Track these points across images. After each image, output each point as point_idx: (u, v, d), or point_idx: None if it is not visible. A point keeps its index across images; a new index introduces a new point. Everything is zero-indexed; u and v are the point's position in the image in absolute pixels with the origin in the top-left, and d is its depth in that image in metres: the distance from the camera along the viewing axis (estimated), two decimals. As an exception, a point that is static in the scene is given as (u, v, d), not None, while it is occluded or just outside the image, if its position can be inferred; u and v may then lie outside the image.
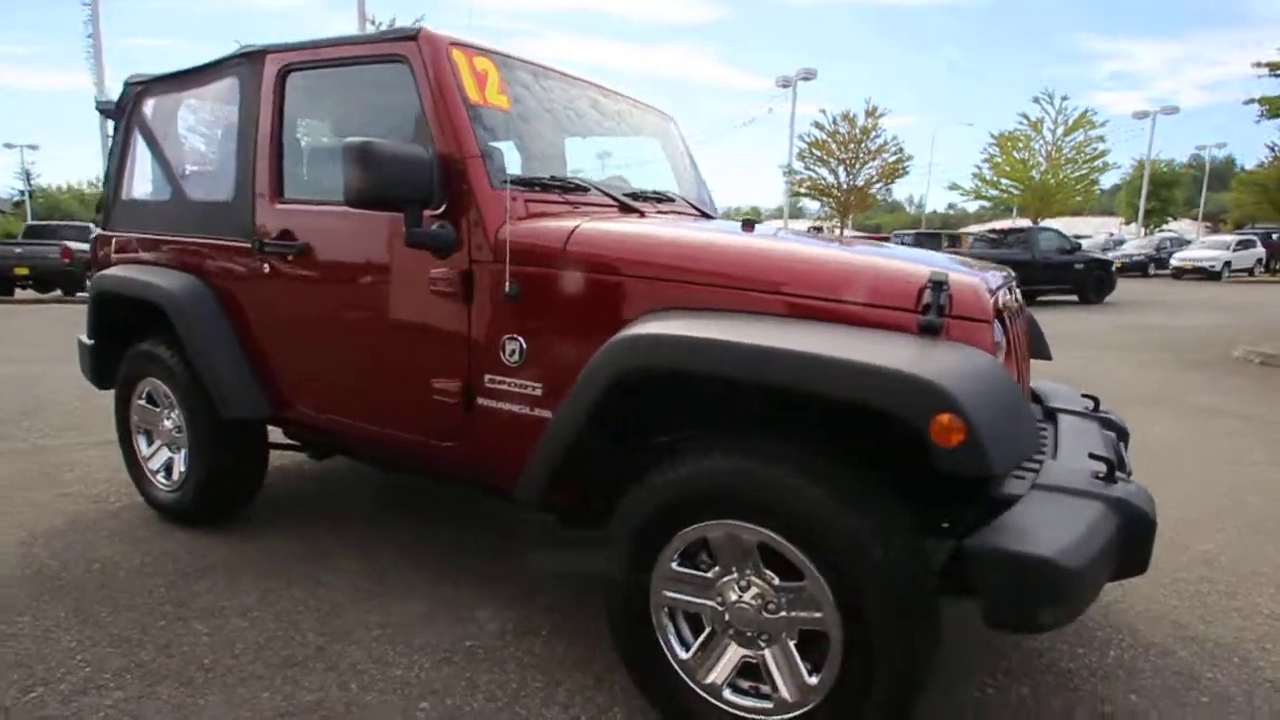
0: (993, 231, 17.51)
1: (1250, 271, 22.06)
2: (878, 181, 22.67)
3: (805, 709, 1.54)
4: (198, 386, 2.65)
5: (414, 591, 2.43)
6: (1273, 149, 25.54)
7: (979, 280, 1.64)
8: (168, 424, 2.89)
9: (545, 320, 1.94)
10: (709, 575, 1.65)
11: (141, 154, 3.02)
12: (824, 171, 22.48)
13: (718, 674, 1.65)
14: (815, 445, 1.55)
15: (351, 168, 1.92)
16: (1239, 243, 22.25)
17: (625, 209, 2.37)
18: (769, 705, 1.60)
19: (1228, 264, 21.21)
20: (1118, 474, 1.62)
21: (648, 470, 1.71)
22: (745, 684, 1.65)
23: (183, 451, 2.87)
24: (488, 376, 2.04)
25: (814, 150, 22.24)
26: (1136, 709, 1.90)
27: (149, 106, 2.97)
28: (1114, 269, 15.30)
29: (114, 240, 3.06)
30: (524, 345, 1.97)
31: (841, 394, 1.38)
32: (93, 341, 3.10)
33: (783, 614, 1.56)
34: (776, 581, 1.57)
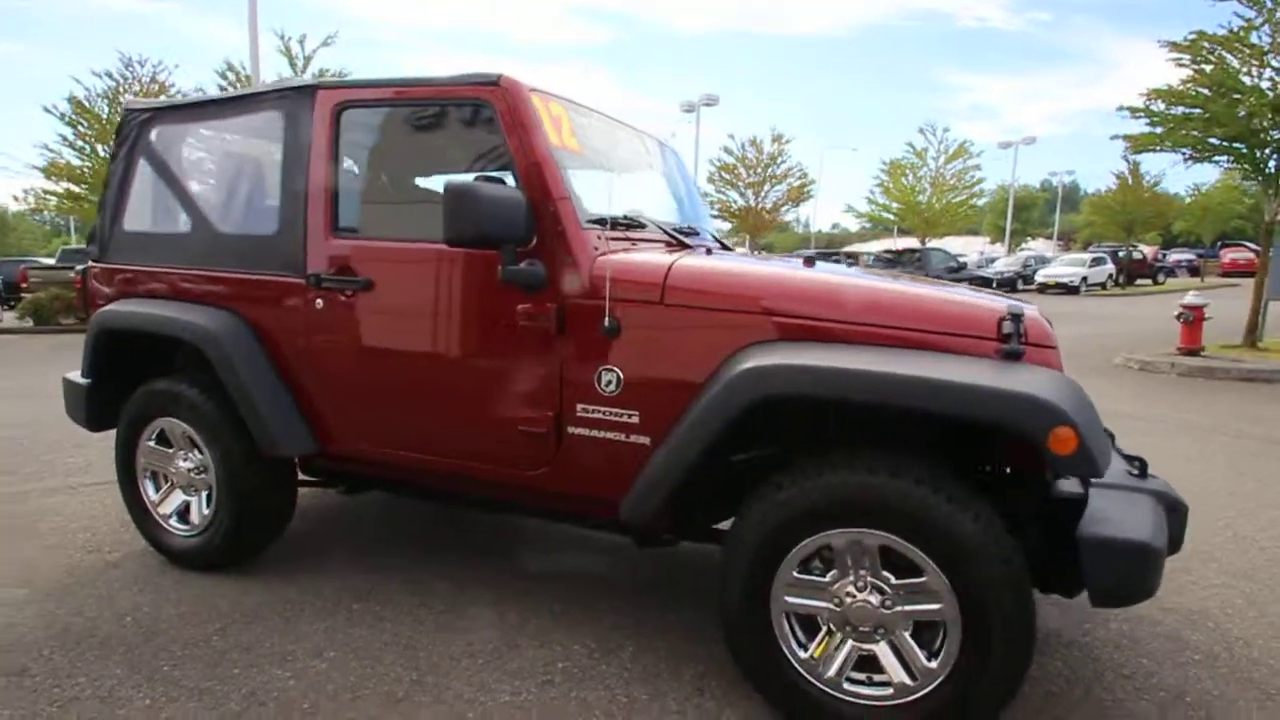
0: (888, 251, 18.86)
1: (1103, 285, 24.81)
2: (784, 204, 23.96)
3: (926, 690, 1.75)
4: (232, 425, 2.57)
5: (479, 621, 2.46)
6: (1117, 176, 28.98)
7: (1038, 312, 1.93)
8: (184, 465, 2.76)
9: (644, 352, 2.07)
10: (825, 579, 1.83)
11: (147, 183, 2.88)
12: (734, 194, 23.58)
13: (836, 668, 1.83)
14: (925, 459, 1.77)
15: (453, 208, 1.99)
16: (1093, 260, 25.02)
17: (672, 243, 2.54)
18: (889, 691, 1.79)
19: (1084, 279, 23.79)
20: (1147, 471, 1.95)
21: (745, 486, 1.89)
22: (860, 675, 1.84)
23: (204, 494, 2.75)
24: (580, 406, 2.14)
25: (723, 174, 23.30)
26: (1151, 671, 2.25)
27: (156, 135, 2.85)
28: (992, 285, 16.88)
29: (115, 273, 2.90)
30: (621, 375, 2.09)
31: (973, 414, 1.61)
32: (89, 381, 2.90)
33: (900, 608, 1.77)
34: (893, 580, 1.77)
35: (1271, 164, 8.57)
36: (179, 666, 2.15)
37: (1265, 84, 8.27)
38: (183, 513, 2.82)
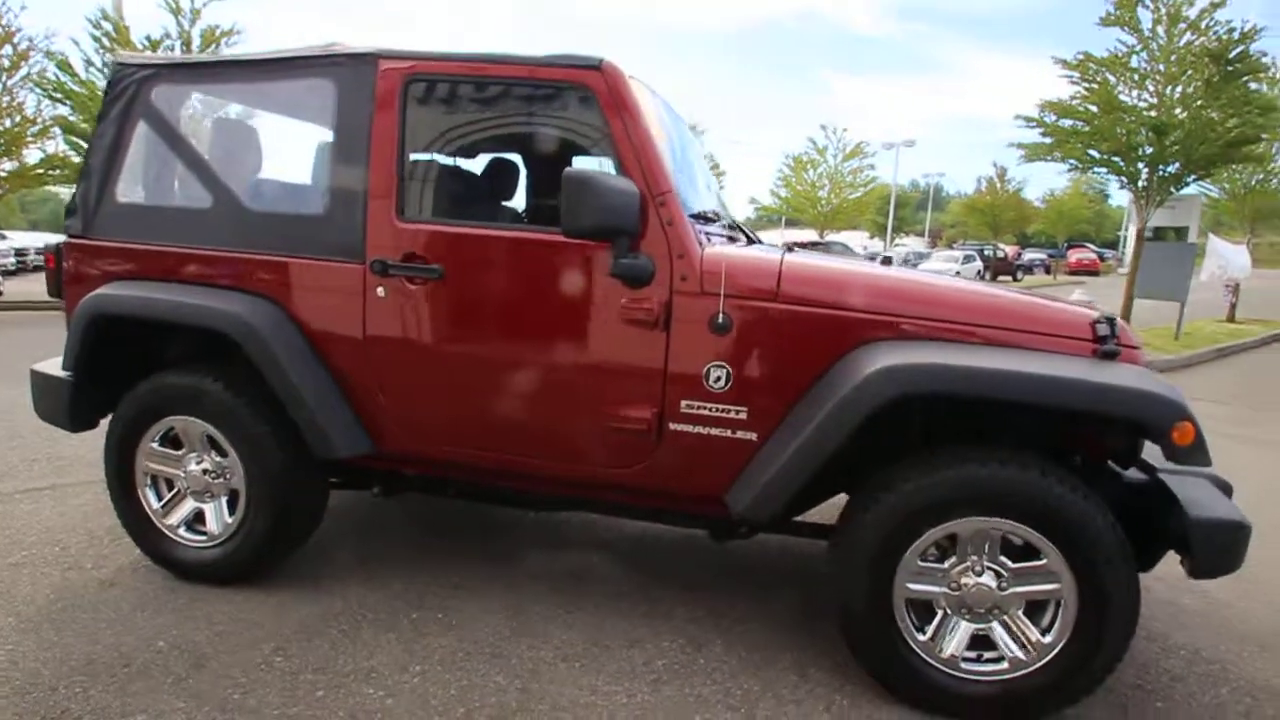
0: (796, 244, 19.62)
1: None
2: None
3: (1041, 662, 1.89)
4: (269, 424, 2.34)
5: (554, 623, 2.39)
6: (986, 180, 31.70)
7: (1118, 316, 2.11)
8: (195, 469, 2.48)
9: (756, 348, 2.08)
10: (944, 565, 1.94)
11: (149, 150, 2.53)
12: None
13: (954, 648, 1.95)
14: (1039, 453, 1.91)
15: (574, 198, 1.92)
16: (965, 257, 27.30)
17: (730, 236, 2.56)
18: (1004, 665, 1.93)
19: (958, 274, 25.95)
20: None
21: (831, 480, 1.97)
22: (972, 653, 1.96)
23: (222, 500, 2.48)
24: (685, 402, 2.12)
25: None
26: (1166, 633, 2.54)
27: (160, 96, 2.50)
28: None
29: (106, 251, 2.53)
30: (731, 371, 2.09)
31: (1107, 410, 1.75)
32: (71, 375, 2.52)
33: (1016, 589, 1.90)
34: (1010, 564, 1.90)
35: (1143, 178, 9.70)
36: (251, 693, 1.95)
37: (1143, 104, 9.34)
38: (191, 521, 2.53)
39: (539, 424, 2.25)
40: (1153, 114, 9.20)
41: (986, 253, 29.02)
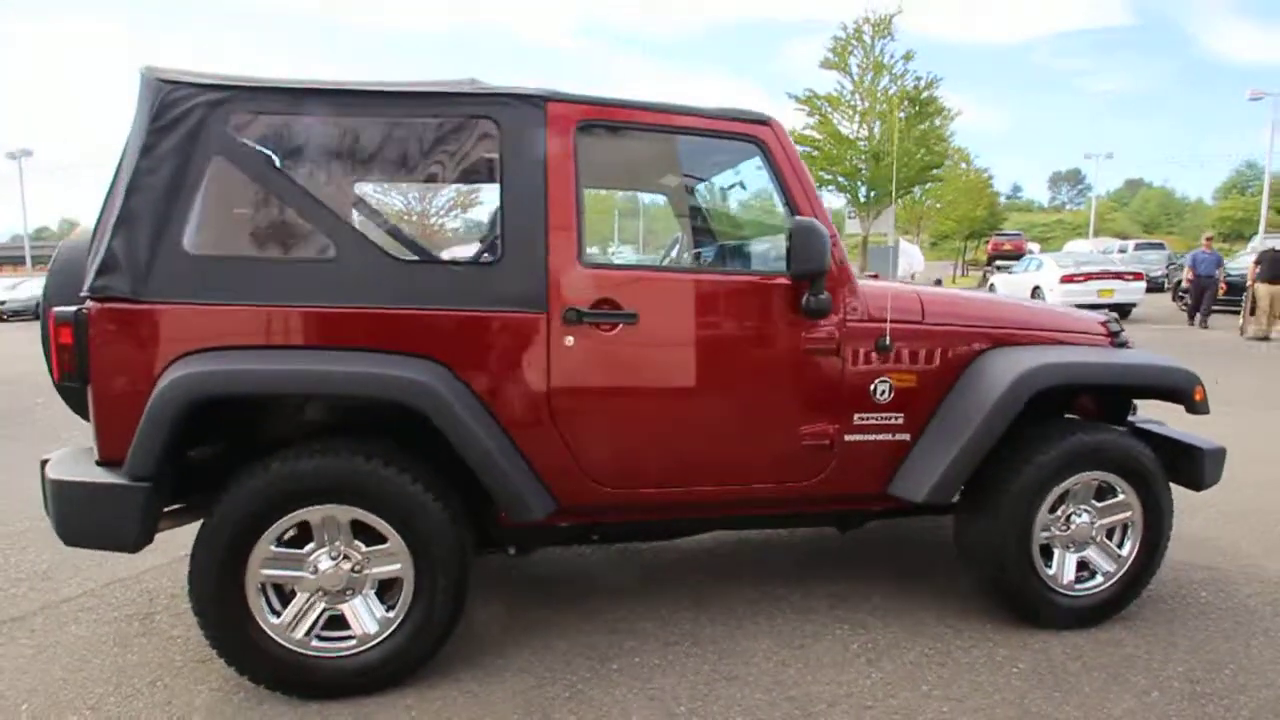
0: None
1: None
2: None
3: (1119, 575, 2.60)
4: (440, 499, 2.11)
5: (743, 644, 2.52)
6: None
7: (1104, 314, 2.95)
8: (329, 566, 2.11)
9: (910, 363, 2.49)
10: (1057, 513, 2.55)
11: (231, 191, 2.06)
12: None
13: (1068, 575, 2.57)
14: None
15: (804, 244, 2.16)
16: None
17: None
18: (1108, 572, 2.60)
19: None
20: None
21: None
22: (1085, 572, 2.60)
23: (366, 593, 2.15)
24: (857, 415, 2.45)
25: None
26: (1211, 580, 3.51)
27: (242, 125, 2.06)
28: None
29: (174, 315, 2.00)
30: (892, 384, 2.47)
31: (1159, 385, 2.49)
32: (147, 478, 1.95)
33: (1101, 522, 2.58)
34: (1097, 504, 2.58)
35: (863, 196, 12.13)
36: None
37: (860, 137, 11.69)
38: (330, 625, 2.14)
39: (732, 453, 2.38)
40: (866, 145, 11.63)
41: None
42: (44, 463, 2.14)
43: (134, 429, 1.97)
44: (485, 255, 2.19)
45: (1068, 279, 14.14)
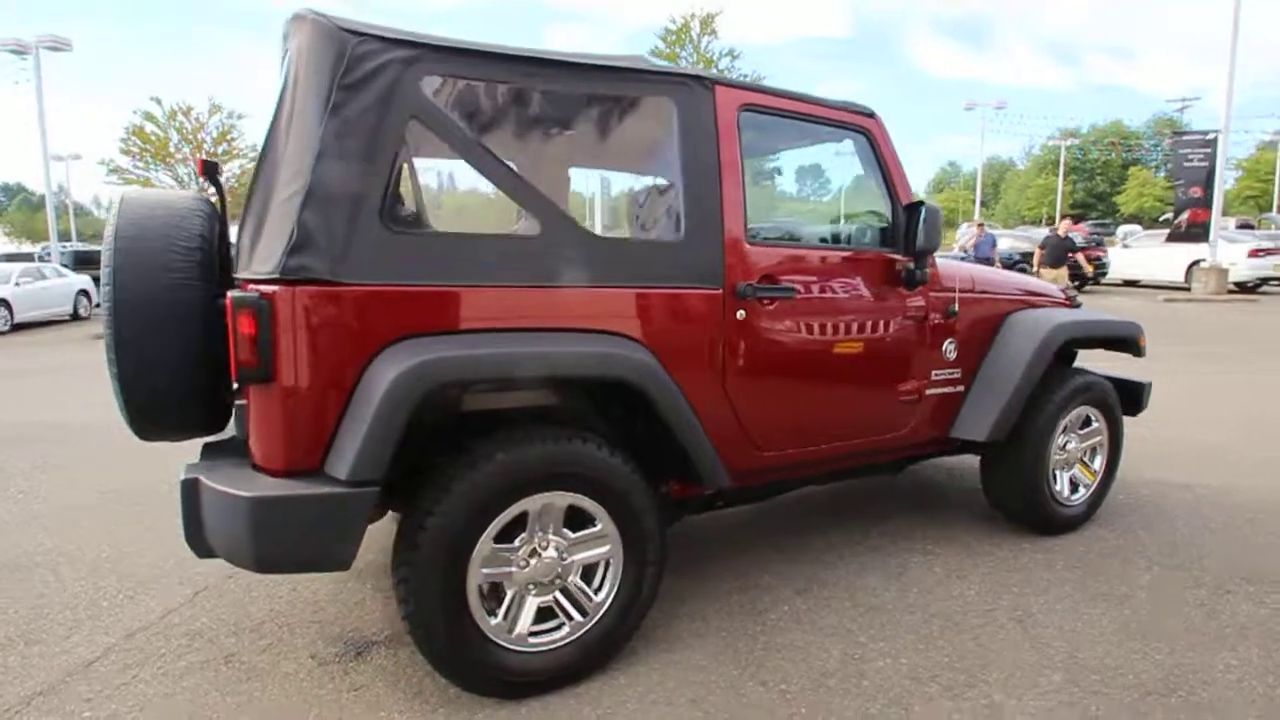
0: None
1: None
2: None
3: (1095, 487, 3.33)
4: (641, 476, 2.14)
5: (859, 581, 2.82)
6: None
7: (1050, 283, 3.69)
8: (539, 557, 2.04)
9: (965, 326, 2.95)
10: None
11: (427, 160, 1.85)
12: (163, 174, 18.65)
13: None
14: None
15: (932, 224, 2.51)
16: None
17: None
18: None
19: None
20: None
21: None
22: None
23: (573, 579, 2.10)
24: (934, 372, 2.87)
25: (144, 144, 18.11)
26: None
27: (434, 88, 1.86)
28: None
29: (383, 297, 1.78)
30: (955, 344, 2.92)
31: (1121, 335, 3.22)
32: (370, 481, 1.72)
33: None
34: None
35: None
36: None
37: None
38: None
39: (860, 411, 2.67)
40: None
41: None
42: (193, 483, 1.78)
43: (329, 428, 1.76)
44: (671, 233, 2.21)
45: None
